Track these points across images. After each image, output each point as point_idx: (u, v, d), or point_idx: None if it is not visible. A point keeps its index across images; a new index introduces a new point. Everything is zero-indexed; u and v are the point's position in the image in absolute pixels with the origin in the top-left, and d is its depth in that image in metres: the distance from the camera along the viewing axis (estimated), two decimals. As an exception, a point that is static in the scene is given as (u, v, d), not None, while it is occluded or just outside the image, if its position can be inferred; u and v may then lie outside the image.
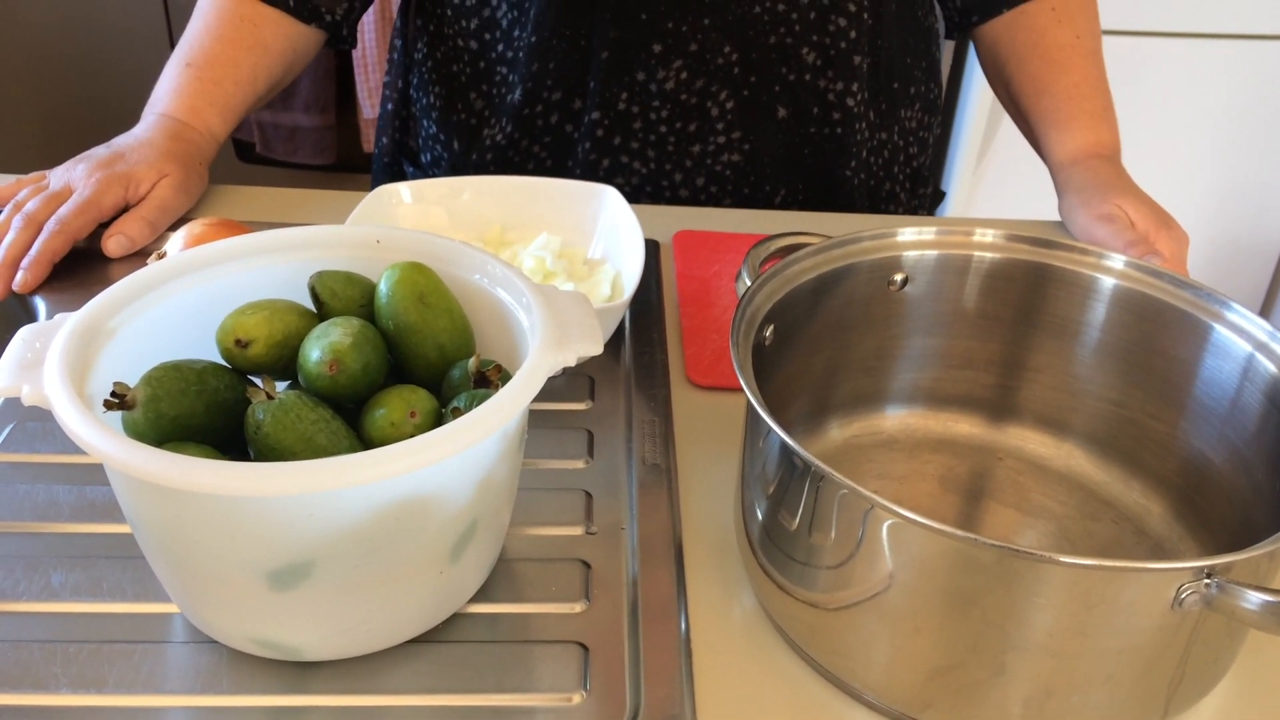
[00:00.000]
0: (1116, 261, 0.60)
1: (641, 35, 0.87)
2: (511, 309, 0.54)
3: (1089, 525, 0.61)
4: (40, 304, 0.74)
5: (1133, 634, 0.45)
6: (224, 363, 0.51)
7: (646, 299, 0.78)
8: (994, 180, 2.06)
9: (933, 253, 0.60)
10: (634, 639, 0.54)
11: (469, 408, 0.49)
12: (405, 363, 0.54)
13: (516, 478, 0.54)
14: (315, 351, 0.49)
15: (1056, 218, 0.91)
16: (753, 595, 0.57)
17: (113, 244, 0.78)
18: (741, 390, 0.69)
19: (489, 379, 0.51)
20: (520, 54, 0.89)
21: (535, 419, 0.67)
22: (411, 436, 0.48)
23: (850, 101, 0.92)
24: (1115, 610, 0.44)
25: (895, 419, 0.66)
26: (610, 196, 0.77)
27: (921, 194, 1.03)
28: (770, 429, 0.50)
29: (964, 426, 0.66)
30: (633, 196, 0.93)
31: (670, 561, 0.58)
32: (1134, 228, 0.82)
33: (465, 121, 0.95)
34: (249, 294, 0.54)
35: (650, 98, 0.89)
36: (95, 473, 0.60)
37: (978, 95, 1.94)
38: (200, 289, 0.54)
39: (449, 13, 0.93)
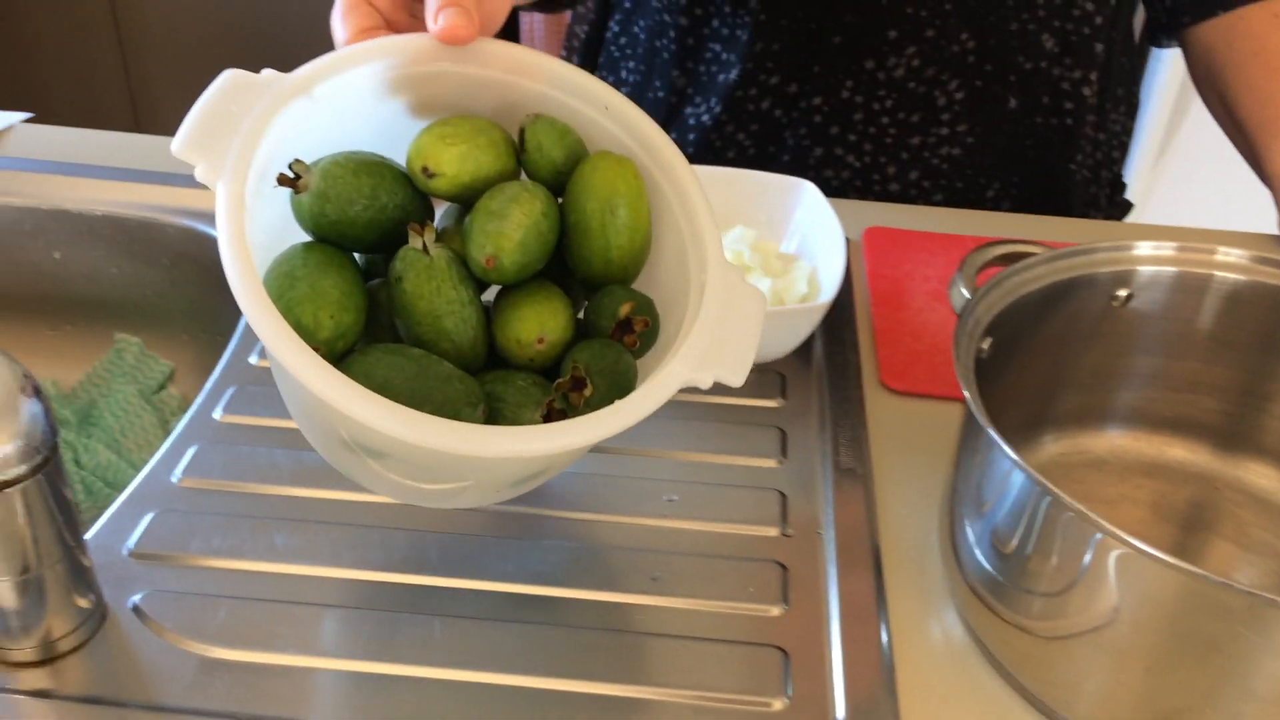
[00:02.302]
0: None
1: (878, 20, 0.85)
2: (690, 254, 0.50)
3: (1313, 566, 0.58)
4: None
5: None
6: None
7: (837, 297, 0.77)
8: (1169, 186, 1.98)
9: (1170, 269, 0.57)
10: (834, 648, 0.53)
11: (590, 370, 0.47)
12: (570, 254, 0.51)
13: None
14: (480, 235, 0.47)
15: (1241, 225, 0.87)
16: (955, 611, 0.56)
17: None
18: (940, 398, 0.68)
19: (633, 326, 0.49)
20: (741, 32, 0.87)
21: (726, 413, 0.67)
22: (531, 359, 0.48)
23: (1086, 91, 0.89)
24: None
25: (1105, 439, 0.63)
26: (808, 191, 0.76)
27: (1119, 201, 1.00)
28: (993, 444, 0.48)
29: (1179, 452, 0.63)
30: (840, 190, 0.91)
31: (870, 570, 0.57)
32: None
33: (664, 99, 0.94)
34: (464, 94, 0.51)
35: (876, 86, 0.87)
36: (308, 440, 0.62)
37: (1156, 97, 1.87)
38: (414, 77, 0.51)
39: None
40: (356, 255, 0.52)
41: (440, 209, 0.54)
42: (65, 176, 0.82)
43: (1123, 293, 0.59)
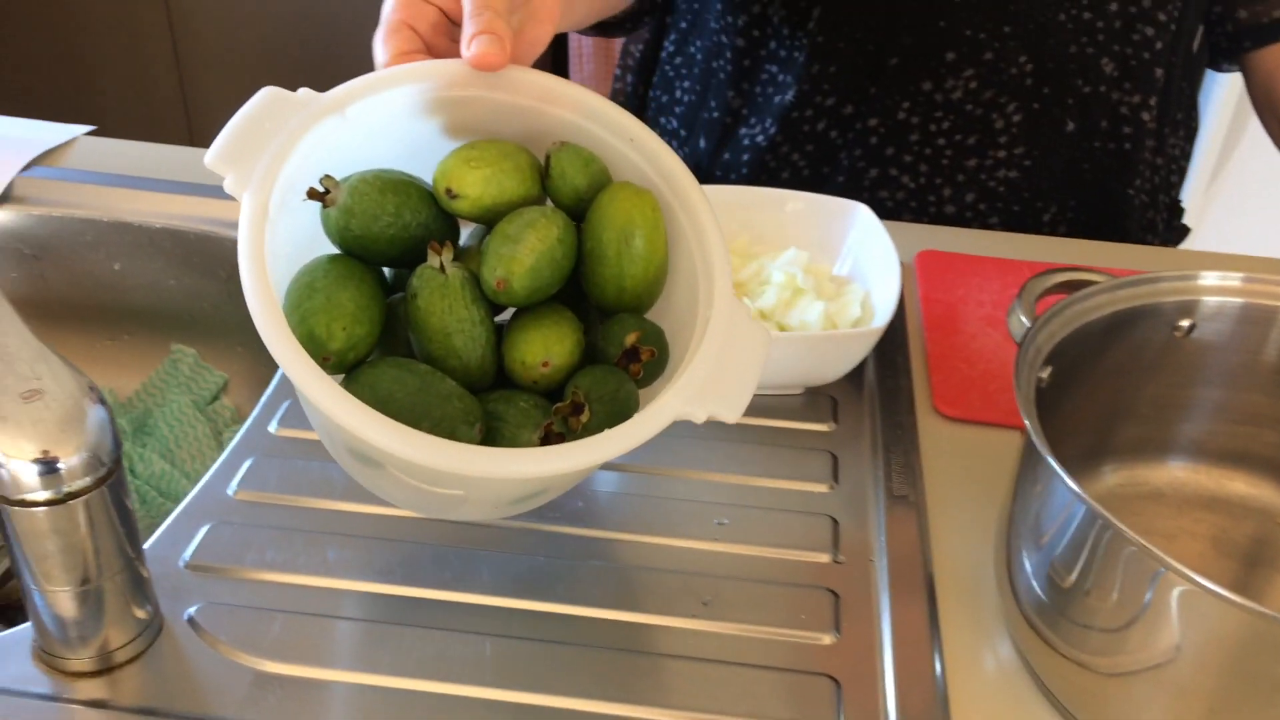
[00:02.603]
0: None
1: (937, 42, 0.84)
2: (700, 288, 0.51)
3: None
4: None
5: None
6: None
7: (892, 321, 0.76)
8: (1223, 209, 1.95)
9: (1237, 300, 0.56)
10: (887, 678, 0.52)
11: (588, 394, 0.47)
12: (585, 280, 0.52)
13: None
14: (493, 258, 0.48)
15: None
16: (1010, 643, 0.55)
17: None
18: (994, 425, 0.68)
19: (639, 355, 0.49)
20: (798, 54, 0.87)
21: (777, 437, 0.67)
22: (536, 381, 0.49)
23: (1145, 115, 0.88)
24: None
25: (1166, 471, 0.62)
26: (862, 213, 0.75)
27: (1176, 226, 0.98)
28: (1053, 474, 0.48)
29: (1240, 486, 0.62)
30: (894, 211, 0.91)
31: (923, 599, 0.56)
32: None
33: (719, 119, 0.94)
34: (493, 119, 0.52)
35: (934, 108, 0.86)
36: (361, 455, 0.62)
37: (1211, 120, 1.84)
38: (446, 101, 0.52)
39: (718, 5, 0.91)
40: (386, 271, 0.53)
41: (468, 229, 0.55)
42: (126, 189, 0.83)
43: (1185, 323, 0.58)
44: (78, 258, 0.83)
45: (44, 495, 0.45)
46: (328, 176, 0.48)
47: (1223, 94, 1.83)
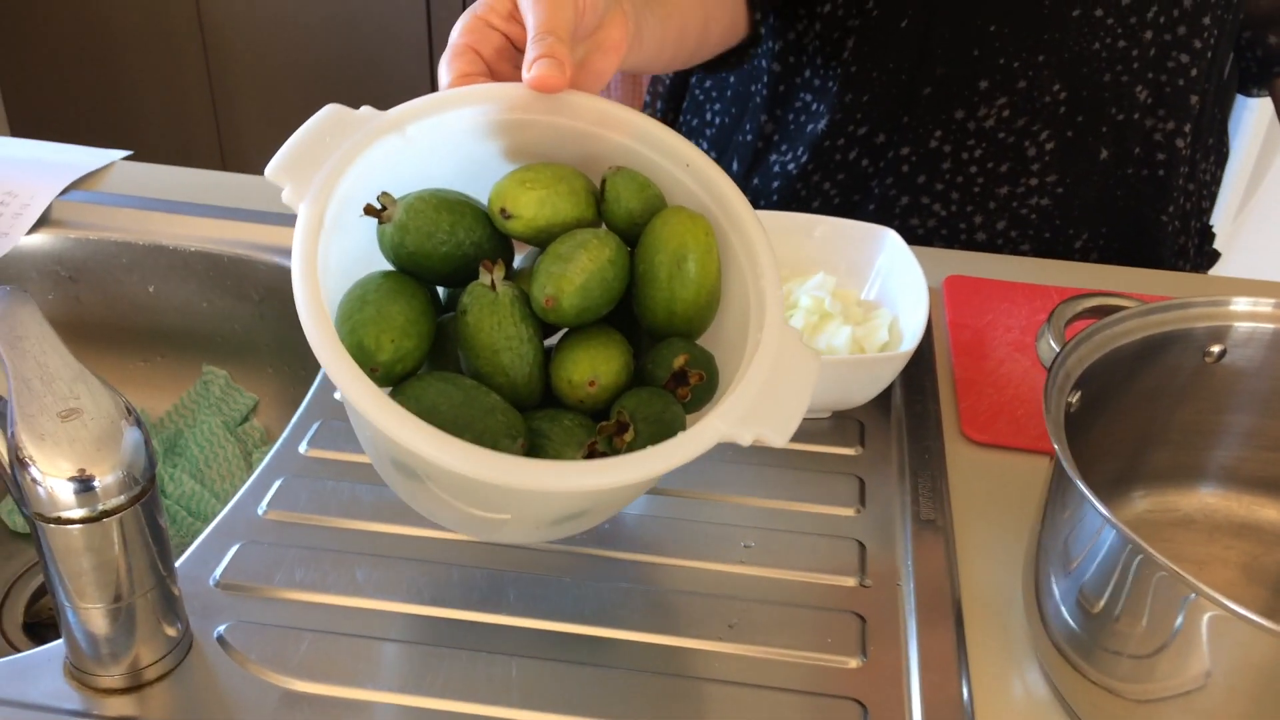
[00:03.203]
0: None
1: (970, 71, 0.85)
2: (751, 315, 0.51)
3: None
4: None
5: None
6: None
7: (920, 346, 0.76)
8: (1253, 233, 1.94)
9: (1269, 326, 0.56)
10: (914, 703, 0.52)
11: (633, 415, 0.47)
12: (637, 303, 0.52)
13: (647, 488, 0.54)
14: (544, 277, 0.48)
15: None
16: (1039, 670, 0.54)
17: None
18: (1022, 450, 0.68)
19: (687, 379, 0.49)
20: (832, 83, 0.88)
21: (804, 460, 0.67)
22: (582, 401, 0.49)
23: (1180, 143, 0.88)
24: None
25: (1196, 498, 0.62)
26: (890, 238, 0.75)
27: (1208, 251, 0.98)
28: (1083, 499, 0.47)
29: (1272, 513, 0.61)
30: (925, 238, 0.91)
31: (950, 625, 0.56)
32: None
33: (751, 144, 0.94)
34: (550, 144, 0.53)
35: (966, 136, 0.86)
36: (389, 476, 0.63)
37: (1241, 145, 1.83)
38: (505, 124, 0.52)
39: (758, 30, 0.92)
40: (441, 291, 0.53)
41: (524, 253, 0.55)
42: (161, 213, 0.84)
43: (1216, 349, 0.58)
44: (113, 280, 0.84)
45: (79, 513, 0.46)
46: (385, 194, 0.49)
47: (1253, 119, 1.82)
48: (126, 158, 0.93)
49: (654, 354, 0.51)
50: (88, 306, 0.85)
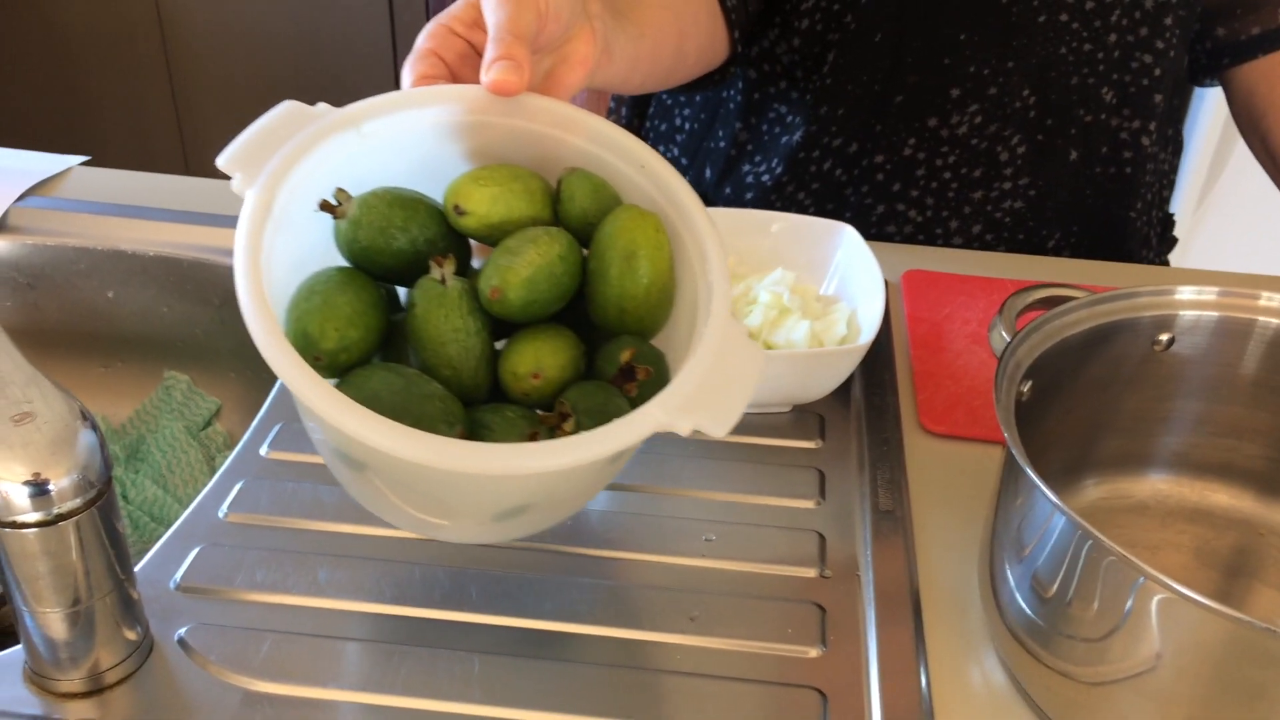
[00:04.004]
0: None
1: (941, 79, 0.85)
2: (700, 312, 0.51)
3: (1362, 615, 0.57)
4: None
5: None
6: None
7: (877, 339, 0.77)
8: (1213, 227, 1.96)
9: (1213, 314, 0.57)
10: (873, 691, 0.53)
11: (574, 406, 0.47)
12: (588, 301, 0.52)
13: (595, 486, 0.53)
14: (490, 268, 0.49)
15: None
16: (995, 656, 0.55)
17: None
18: (979, 441, 0.68)
19: (634, 374, 0.49)
20: (809, 96, 0.88)
21: (765, 454, 0.67)
22: (527, 394, 0.49)
23: (1145, 140, 0.89)
24: None
25: (1148, 484, 0.63)
26: (848, 234, 0.76)
27: (1169, 238, 1.00)
28: (1034, 487, 0.48)
29: (1223, 497, 0.62)
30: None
31: (909, 613, 0.57)
32: None
33: (724, 150, 0.94)
34: (508, 146, 0.53)
35: (940, 143, 0.87)
36: (351, 476, 0.63)
37: (1199, 138, 1.86)
38: (463, 124, 0.53)
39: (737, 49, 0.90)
40: (402, 294, 0.53)
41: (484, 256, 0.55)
42: (120, 218, 0.84)
43: (1164, 337, 0.59)
44: (71, 286, 0.84)
45: (35, 517, 0.46)
46: (340, 190, 0.49)
47: (1212, 110, 1.84)
48: (84, 163, 0.92)
49: (603, 352, 0.51)
50: (46, 313, 0.85)
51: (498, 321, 0.50)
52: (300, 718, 0.50)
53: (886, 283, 0.71)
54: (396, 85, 0.54)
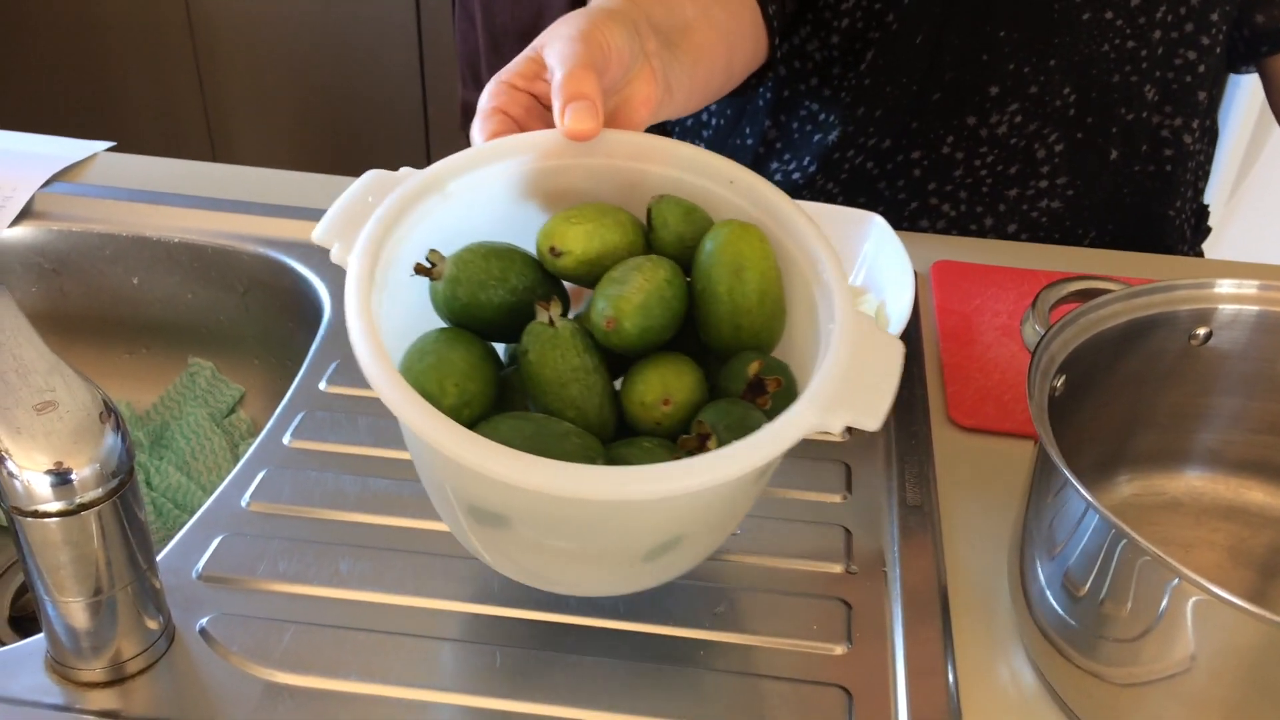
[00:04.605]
0: None
1: (980, 77, 0.84)
2: (820, 312, 0.50)
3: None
4: (324, 294, 0.78)
5: None
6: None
7: (906, 331, 0.76)
8: (1247, 215, 1.93)
9: (1253, 308, 0.56)
10: (899, 690, 0.52)
11: (713, 425, 0.46)
12: (701, 325, 0.51)
13: (744, 507, 0.52)
14: (601, 301, 0.48)
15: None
16: (1024, 655, 0.54)
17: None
18: (1009, 435, 0.67)
19: (765, 386, 0.48)
20: (845, 94, 0.86)
21: (791, 448, 0.66)
22: (659, 423, 0.48)
23: (1188, 138, 0.88)
24: None
25: (1182, 481, 0.62)
26: (877, 224, 0.75)
27: (1204, 229, 0.98)
28: (1067, 484, 0.47)
29: (1258, 495, 0.61)
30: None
31: (936, 611, 0.56)
32: None
33: (751, 148, 0.93)
34: (590, 185, 0.53)
35: (979, 143, 0.86)
36: (379, 465, 0.63)
37: (1234, 126, 1.83)
38: (542, 171, 0.52)
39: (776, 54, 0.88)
40: (501, 350, 0.53)
41: (579, 302, 0.55)
42: (145, 204, 0.84)
43: (1202, 331, 0.57)
44: (96, 272, 0.84)
45: (57, 506, 0.46)
46: (433, 251, 0.49)
47: (1246, 99, 1.81)
48: (110, 149, 0.92)
49: (726, 370, 0.50)
50: (71, 299, 0.85)
51: (611, 359, 0.50)
52: (321, 710, 0.50)
53: (916, 274, 0.70)
54: (423, 68, 0.54)
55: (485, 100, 0.55)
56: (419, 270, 0.48)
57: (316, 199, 0.86)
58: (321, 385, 0.69)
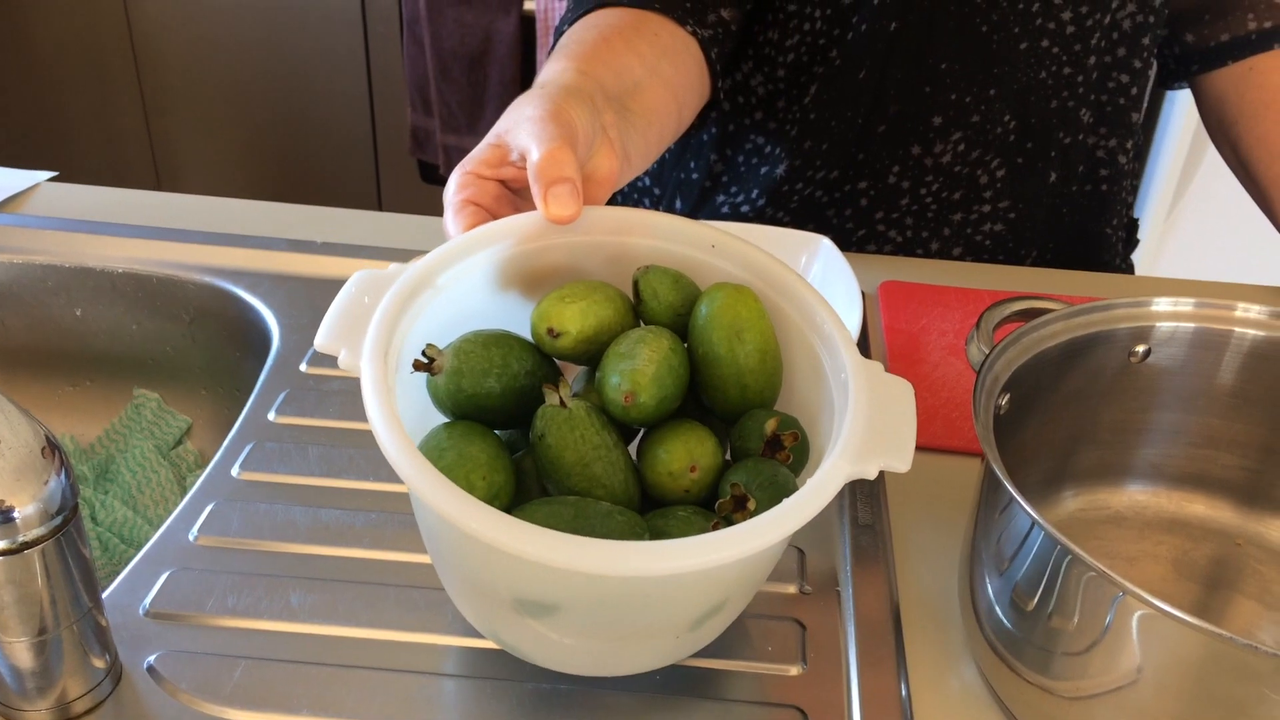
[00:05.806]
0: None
1: (923, 109, 0.85)
2: (824, 362, 0.51)
3: (1339, 624, 0.57)
4: (274, 326, 0.77)
5: None
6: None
7: (854, 351, 0.77)
8: (1184, 233, 1.98)
9: (1189, 325, 0.57)
10: (854, 709, 0.52)
11: (749, 486, 0.47)
12: (705, 390, 0.52)
13: (771, 566, 0.53)
14: (615, 376, 0.48)
15: (1262, 274, 0.87)
16: (975, 670, 0.55)
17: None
18: (957, 453, 0.68)
19: (782, 442, 0.49)
20: (791, 128, 0.87)
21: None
22: (687, 491, 0.48)
23: (1122, 158, 0.90)
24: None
25: (1126, 495, 0.63)
26: (825, 246, 0.76)
27: (1133, 241, 1.00)
28: (1012, 501, 0.48)
29: (1200, 508, 0.62)
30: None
31: (889, 629, 0.56)
32: None
33: (697, 182, 0.94)
34: (572, 262, 0.53)
35: (924, 172, 0.87)
36: (329, 496, 0.62)
37: (1173, 139, 1.87)
38: (525, 254, 0.53)
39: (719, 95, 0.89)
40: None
41: (572, 377, 0.55)
42: (88, 234, 0.83)
43: (1141, 348, 0.59)
44: (38, 304, 0.82)
45: (-1, 545, 0.45)
46: (430, 345, 0.49)
47: (1184, 115, 1.86)
48: (52, 179, 0.91)
49: (739, 431, 0.51)
50: (13, 331, 0.83)
51: (622, 431, 0.50)
52: (273, 745, 0.49)
53: (864, 294, 0.71)
54: (371, 93, 0.53)
55: (454, 193, 0.55)
56: (418, 367, 0.48)
57: (263, 227, 0.85)
58: (270, 415, 0.68)
